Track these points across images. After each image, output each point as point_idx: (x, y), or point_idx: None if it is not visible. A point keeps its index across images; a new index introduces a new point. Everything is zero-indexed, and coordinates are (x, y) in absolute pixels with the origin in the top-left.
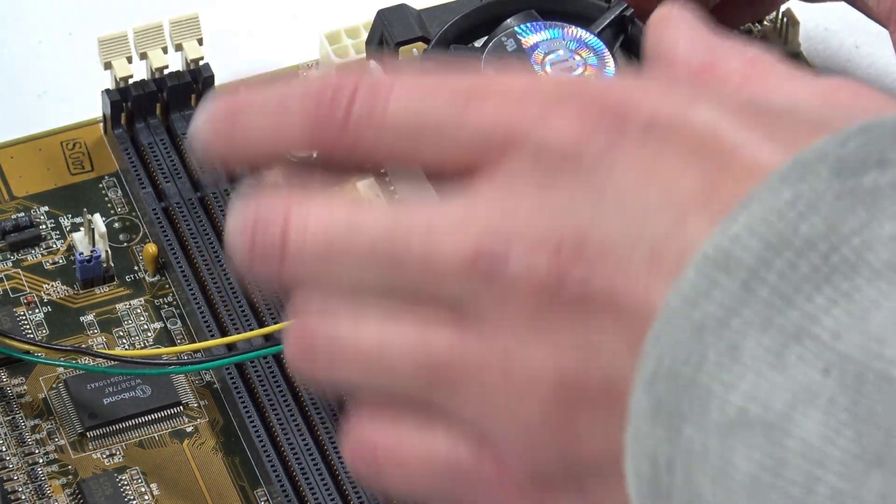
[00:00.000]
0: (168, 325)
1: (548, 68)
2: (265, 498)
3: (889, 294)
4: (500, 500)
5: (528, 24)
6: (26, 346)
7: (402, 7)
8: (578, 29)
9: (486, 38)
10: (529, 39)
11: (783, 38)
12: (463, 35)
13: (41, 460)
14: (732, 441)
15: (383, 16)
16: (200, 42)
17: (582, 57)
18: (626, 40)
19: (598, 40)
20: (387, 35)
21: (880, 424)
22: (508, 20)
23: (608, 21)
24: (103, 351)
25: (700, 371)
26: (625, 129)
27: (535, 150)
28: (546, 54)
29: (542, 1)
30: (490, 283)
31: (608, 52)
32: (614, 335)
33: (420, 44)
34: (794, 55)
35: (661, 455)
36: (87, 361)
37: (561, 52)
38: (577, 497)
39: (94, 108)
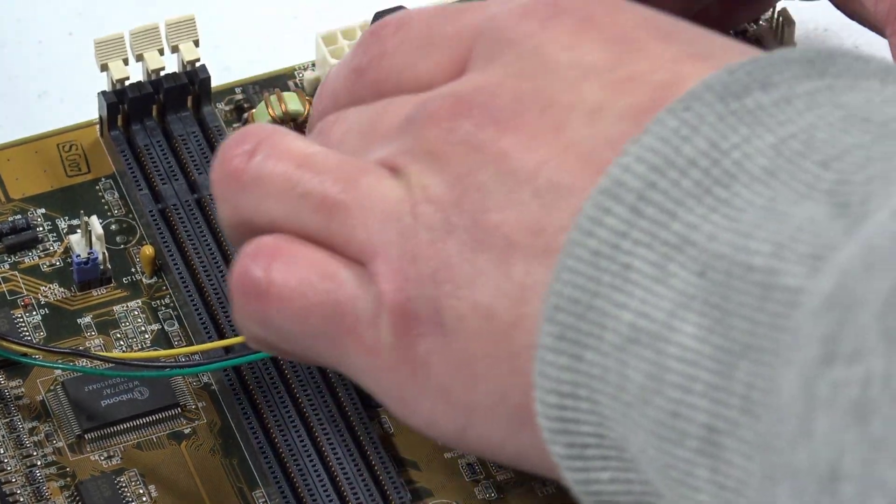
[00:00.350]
0: (165, 327)
1: None
2: (263, 499)
3: (763, 194)
4: (369, 342)
5: None
6: (24, 349)
7: (399, 9)
8: None
9: None
10: None
11: (779, 39)
12: None
13: (39, 462)
14: (626, 358)
15: (380, 17)
16: (196, 44)
17: None
18: None
19: None
20: None
21: (745, 314)
22: None
23: None
24: (101, 353)
25: (596, 296)
26: (560, 15)
27: (490, 36)
28: None
29: None
30: (413, 119)
31: None
32: (493, 176)
33: None
34: None
35: (566, 383)
36: (84, 364)
37: None
38: (438, 338)
39: (94, 109)
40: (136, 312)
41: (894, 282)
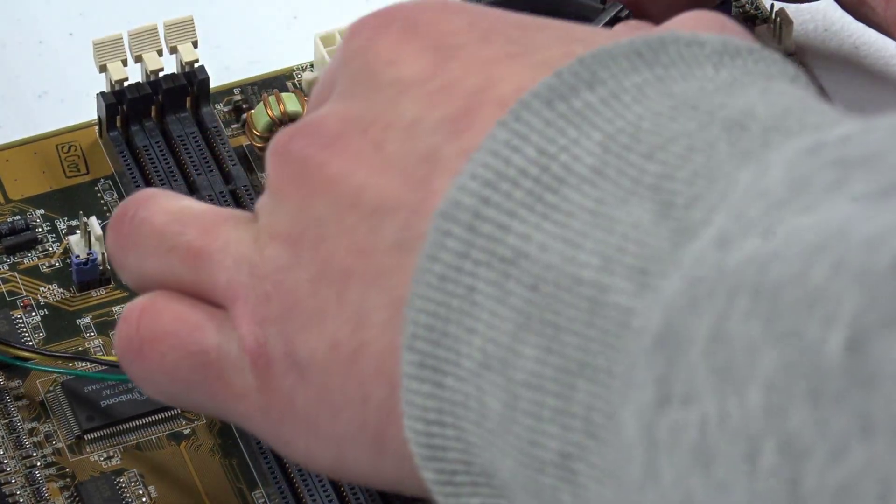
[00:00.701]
0: None
1: None
2: (263, 500)
3: (591, 194)
4: (238, 388)
5: None
6: (24, 354)
7: None
8: None
9: None
10: None
11: (777, 38)
12: None
13: (39, 463)
14: (483, 384)
15: None
16: (195, 44)
17: None
18: None
19: None
20: None
21: (576, 330)
22: None
23: (604, 23)
24: (102, 357)
25: (448, 322)
26: (386, 26)
27: (339, 60)
28: None
29: (537, 3)
30: (272, 156)
31: None
32: (326, 204)
33: None
34: (787, 56)
35: (431, 410)
36: (84, 367)
37: None
38: (296, 374)
39: (94, 109)
40: None
41: (717, 318)
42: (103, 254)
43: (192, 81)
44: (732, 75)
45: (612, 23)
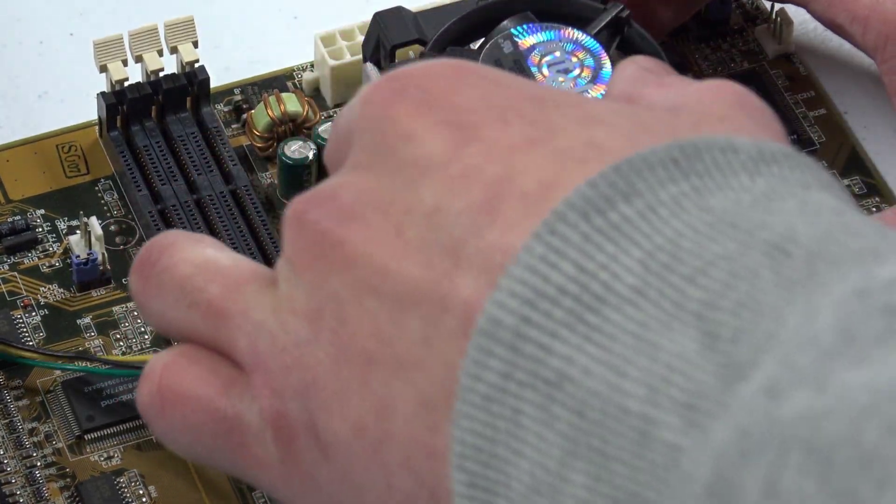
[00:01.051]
0: None
1: (544, 70)
2: (263, 500)
3: (633, 317)
4: (260, 456)
5: (525, 26)
6: (24, 354)
7: (399, 10)
8: (575, 30)
9: (482, 40)
10: (526, 41)
11: (777, 39)
12: (459, 37)
13: (39, 463)
14: None
15: (380, 18)
16: (195, 45)
17: (578, 58)
18: (623, 42)
19: (595, 42)
20: (383, 38)
21: (625, 460)
22: (505, 22)
23: (604, 22)
24: (104, 357)
25: (495, 443)
26: (400, 95)
27: (353, 126)
28: (543, 56)
29: (538, 2)
30: (289, 224)
31: (605, 54)
32: (344, 283)
33: (416, 46)
34: (786, 56)
35: None
36: (85, 364)
37: (557, 54)
38: (318, 451)
39: (94, 109)
40: (136, 313)
41: (770, 472)
42: (103, 254)
43: (192, 81)
44: (769, 185)
45: (612, 23)
